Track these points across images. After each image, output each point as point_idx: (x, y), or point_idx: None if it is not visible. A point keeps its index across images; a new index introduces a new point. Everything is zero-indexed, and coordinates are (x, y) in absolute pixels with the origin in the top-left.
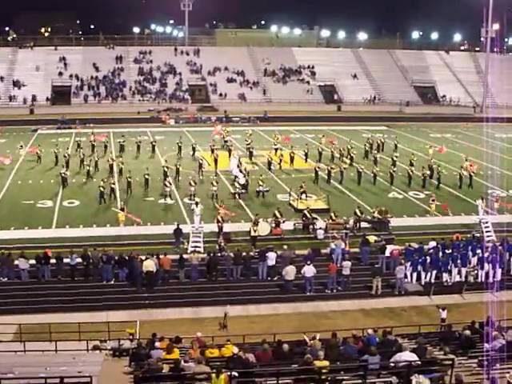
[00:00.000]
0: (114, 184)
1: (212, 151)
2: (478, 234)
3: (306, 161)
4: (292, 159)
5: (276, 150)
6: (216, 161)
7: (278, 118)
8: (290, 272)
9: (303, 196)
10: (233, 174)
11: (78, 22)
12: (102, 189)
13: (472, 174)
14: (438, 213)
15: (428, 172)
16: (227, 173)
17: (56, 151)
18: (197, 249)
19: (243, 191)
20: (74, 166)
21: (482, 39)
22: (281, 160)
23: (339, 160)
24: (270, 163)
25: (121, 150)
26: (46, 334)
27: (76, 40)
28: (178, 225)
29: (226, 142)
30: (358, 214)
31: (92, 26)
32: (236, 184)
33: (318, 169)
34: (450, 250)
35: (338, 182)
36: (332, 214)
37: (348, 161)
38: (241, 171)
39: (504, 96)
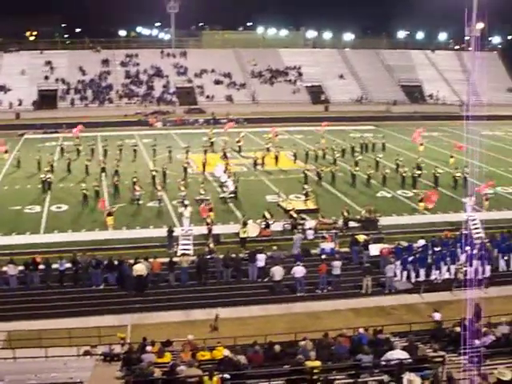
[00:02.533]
0: (98, 187)
1: (205, 152)
2: (467, 232)
3: (295, 161)
4: (277, 158)
5: (268, 149)
6: (204, 164)
7: (266, 119)
8: (276, 272)
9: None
10: (221, 180)
11: (63, 25)
12: (85, 191)
13: (466, 175)
14: (427, 211)
15: (418, 172)
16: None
17: (38, 157)
18: (186, 251)
19: (232, 196)
20: (59, 171)
21: (467, 38)
22: (263, 159)
23: (323, 159)
24: (255, 163)
25: (104, 154)
26: (36, 340)
27: (62, 44)
28: (170, 227)
29: (212, 143)
30: (345, 214)
31: (78, 30)
32: (220, 189)
33: (306, 171)
34: (439, 248)
35: (328, 183)
36: (319, 215)
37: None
38: (229, 177)
39: (489, 94)
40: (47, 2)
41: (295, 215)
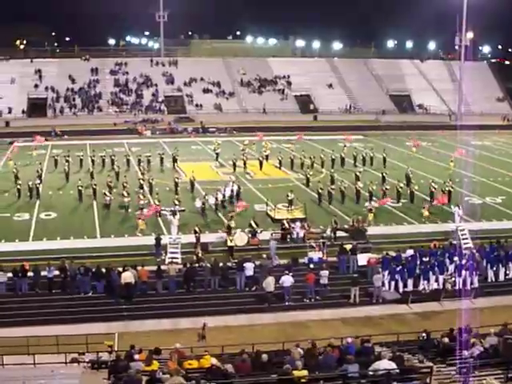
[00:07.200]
0: (95, 185)
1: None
2: (455, 242)
3: (280, 168)
4: (261, 164)
5: (267, 156)
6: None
7: (254, 128)
8: (270, 283)
9: (292, 206)
10: (221, 191)
11: (53, 34)
12: (80, 187)
13: (451, 188)
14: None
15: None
16: (203, 185)
17: (16, 166)
18: (174, 260)
19: (183, 209)
20: (48, 179)
21: (457, 47)
22: (245, 163)
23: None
24: (234, 165)
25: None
26: (24, 347)
27: (51, 52)
28: (158, 235)
29: (217, 154)
30: (333, 224)
31: (67, 39)
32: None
33: (320, 190)
34: (428, 258)
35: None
36: (304, 224)
37: (324, 170)
38: (224, 195)
39: (479, 103)
40: (36, 11)
41: (287, 225)
